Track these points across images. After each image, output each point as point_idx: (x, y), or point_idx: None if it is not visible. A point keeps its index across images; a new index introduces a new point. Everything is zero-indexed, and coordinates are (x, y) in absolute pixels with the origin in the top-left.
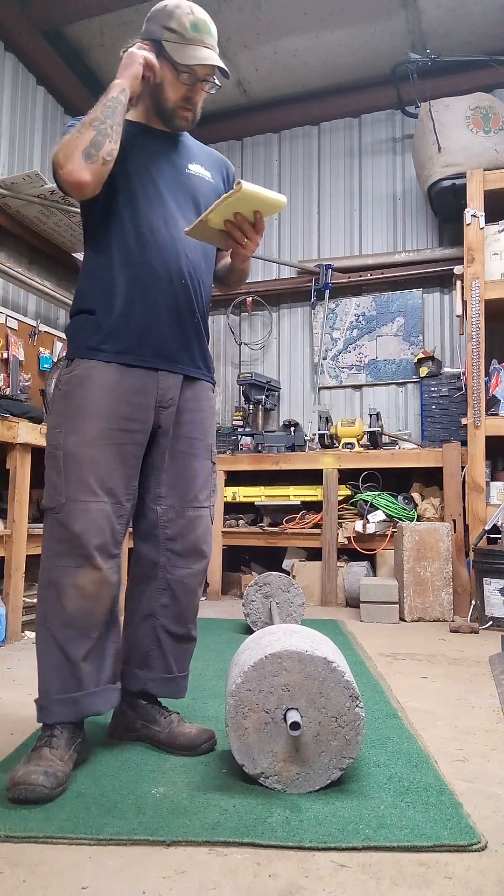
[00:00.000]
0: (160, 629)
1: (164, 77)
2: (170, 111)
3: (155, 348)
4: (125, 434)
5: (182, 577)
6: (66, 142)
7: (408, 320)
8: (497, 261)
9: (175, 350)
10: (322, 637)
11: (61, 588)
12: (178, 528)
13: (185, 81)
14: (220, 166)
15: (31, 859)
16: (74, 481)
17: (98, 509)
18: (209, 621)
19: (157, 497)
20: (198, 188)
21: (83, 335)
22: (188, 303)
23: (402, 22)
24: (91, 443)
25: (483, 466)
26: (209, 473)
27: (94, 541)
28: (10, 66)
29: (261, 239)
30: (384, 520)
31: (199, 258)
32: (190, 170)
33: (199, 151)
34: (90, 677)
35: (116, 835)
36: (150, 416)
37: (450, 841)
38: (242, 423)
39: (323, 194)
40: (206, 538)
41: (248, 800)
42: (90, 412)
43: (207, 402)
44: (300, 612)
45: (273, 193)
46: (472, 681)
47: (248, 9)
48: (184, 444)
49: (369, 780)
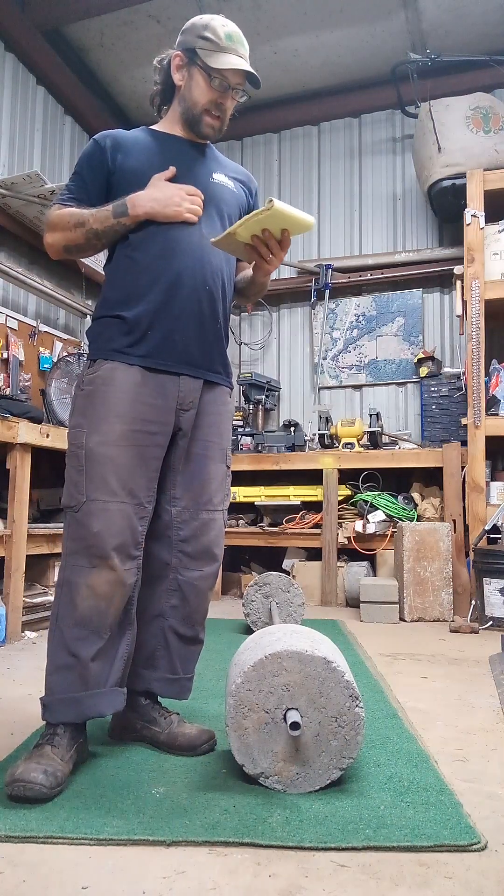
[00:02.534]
0: (168, 630)
1: (195, 82)
2: (197, 116)
3: (178, 353)
4: (146, 436)
5: (193, 579)
6: (60, 222)
7: (408, 320)
8: (497, 261)
9: (197, 355)
10: (322, 637)
11: (74, 587)
12: (191, 530)
13: (217, 87)
14: (245, 179)
15: (31, 859)
16: (96, 480)
17: (118, 509)
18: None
19: (171, 498)
20: (222, 197)
21: (107, 336)
22: (211, 309)
23: (402, 22)
24: (113, 443)
25: (483, 466)
26: (224, 477)
27: (112, 541)
28: (10, 66)
29: (285, 255)
30: (384, 520)
31: (222, 266)
32: (214, 179)
33: (224, 162)
34: (96, 678)
35: (116, 835)
36: (171, 418)
37: (450, 841)
38: (242, 423)
39: (323, 194)
40: (218, 541)
41: (248, 800)
42: (112, 412)
43: (225, 406)
44: (300, 612)
45: (303, 214)
46: (472, 681)
47: (248, 9)
48: (200, 447)
49: (369, 780)
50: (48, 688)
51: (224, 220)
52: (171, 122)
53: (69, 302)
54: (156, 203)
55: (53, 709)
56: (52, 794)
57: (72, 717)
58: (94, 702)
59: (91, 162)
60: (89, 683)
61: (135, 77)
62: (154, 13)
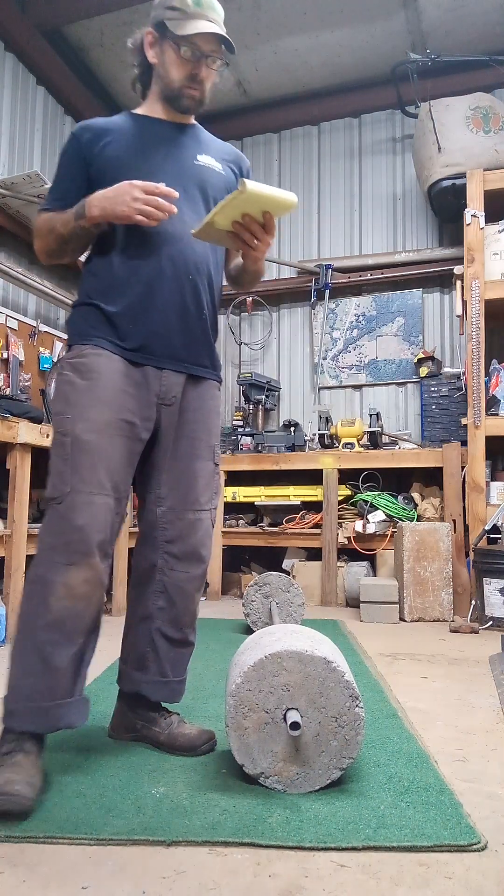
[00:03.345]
0: (156, 632)
1: (168, 57)
2: (176, 92)
3: (160, 346)
4: (129, 427)
5: (179, 581)
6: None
7: (408, 320)
8: (497, 261)
9: (180, 348)
10: (322, 637)
11: (49, 585)
12: (177, 531)
13: (188, 56)
14: (235, 160)
15: (31, 859)
16: (83, 470)
17: (103, 503)
18: (209, 621)
19: (157, 498)
20: (207, 180)
21: (88, 323)
22: (196, 301)
23: (402, 22)
24: (101, 431)
25: (483, 466)
26: (211, 475)
27: (96, 536)
28: (10, 66)
29: (272, 239)
30: (384, 520)
31: (207, 255)
32: (199, 161)
33: (210, 143)
34: (65, 687)
35: (116, 835)
36: (152, 413)
37: (450, 841)
38: (242, 423)
39: (323, 194)
40: (205, 542)
41: (248, 800)
42: (98, 399)
43: (212, 401)
44: (300, 612)
45: (282, 192)
46: (472, 681)
47: (248, 9)
48: (185, 444)
49: (369, 780)
50: (13, 693)
51: (211, 205)
52: (152, 103)
53: (69, 302)
54: (106, 202)
55: (19, 716)
56: (34, 804)
57: (38, 728)
58: (62, 712)
59: (69, 160)
60: (57, 693)
61: None
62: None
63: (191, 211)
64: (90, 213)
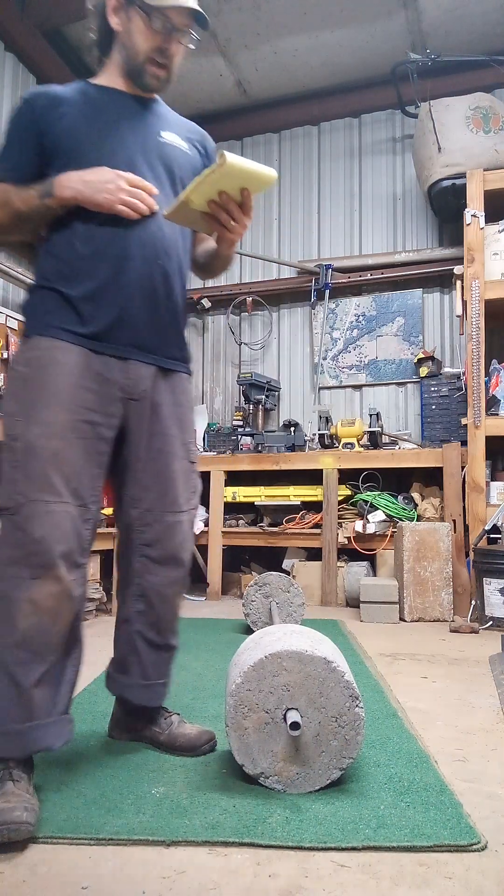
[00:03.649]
0: (136, 635)
1: (134, 26)
2: (140, 65)
3: (127, 336)
4: (90, 427)
5: (157, 585)
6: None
7: (408, 320)
8: (497, 261)
9: (148, 338)
10: (322, 637)
11: (13, 602)
12: (155, 534)
13: (158, 28)
14: (200, 139)
15: (31, 859)
16: (36, 478)
17: (63, 511)
18: (209, 621)
19: (132, 499)
20: (174, 159)
21: (45, 309)
22: (166, 287)
23: (402, 22)
24: (56, 434)
25: (483, 466)
26: (188, 474)
27: (58, 547)
28: (10, 66)
29: (250, 221)
30: (384, 520)
31: (176, 238)
32: (163, 138)
33: (174, 120)
34: (41, 707)
35: (116, 835)
36: (118, 409)
37: (450, 841)
38: (242, 423)
39: (323, 194)
40: (185, 545)
41: (248, 800)
42: (54, 399)
43: (185, 395)
44: (300, 612)
45: (261, 166)
46: (472, 681)
47: (248, 9)
48: (160, 442)
49: (369, 780)
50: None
51: (177, 187)
52: (111, 73)
53: None
54: (85, 186)
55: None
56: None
57: (15, 753)
58: (39, 734)
59: (20, 126)
60: (33, 714)
61: None
62: None
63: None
64: (61, 193)
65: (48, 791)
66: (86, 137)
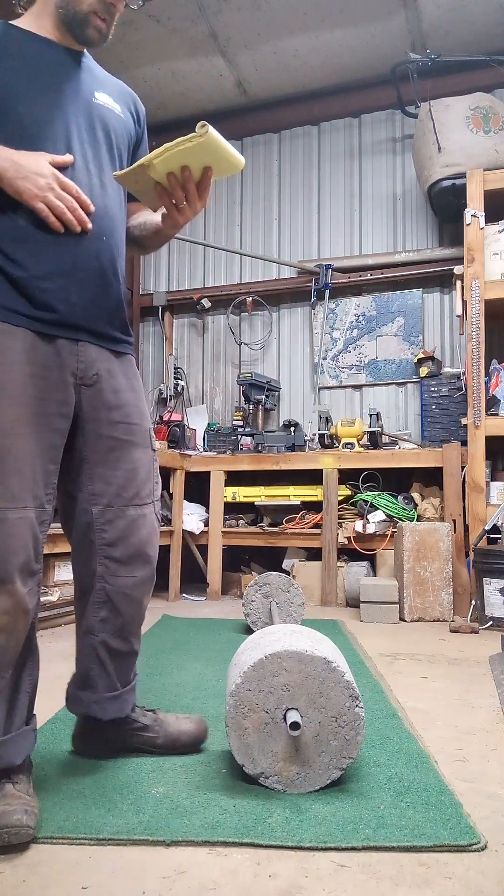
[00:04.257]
0: (100, 646)
1: None
2: (82, 17)
3: (77, 316)
4: (42, 419)
5: (124, 588)
6: None
7: (408, 320)
8: (497, 261)
9: (98, 319)
10: (322, 637)
11: None
12: (118, 531)
13: None
14: (129, 100)
15: (31, 859)
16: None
17: (19, 518)
18: (209, 621)
19: (91, 495)
20: (110, 123)
21: None
22: (111, 264)
23: (402, 22)
24: (8, 432)
25: (483, 466)
26: (151, 463)
27: (14, 560)
28: None
29: (203, 207)
30: (384, 520)
31: (117, 212)
32: (98, 99)
33: (105, 79)
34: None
35: (116, 835)
36: (70, 396)
37: (450, 841)
38: (242, 423)
39: (323, 194)
40: (151, 540)
41: (248, 800)
42: (3, 392)
43: (136, 379)
44: (300, 612)
45: (235, 150)
46: (472, 681)
47: (248, 9)
48: (119, 431)
49: (369, 780)
50: None
51: (114, 152)
52: (39, 18)
53: None
54: (12, 168)
55: None
56: (36, 833)
57: None
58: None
59: None
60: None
61: (135, 77)
62: (154, 13)
63: (94, 157)
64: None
65: (48, 791)
66: (17, 92)
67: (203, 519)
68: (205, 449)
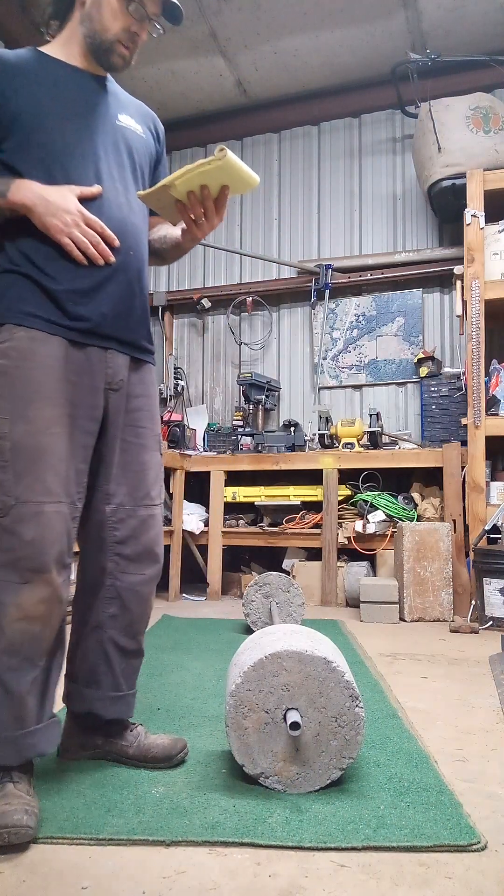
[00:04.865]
0: (108, 643)
1: (107, 3)
2: (108, 45)
3: (106, 326)
4: (74, 421)
5: (133, 585)
6: None
7: (408, 320)
8: (497, 261)
9: (124, 329)
10: (322, 637)
11: (2, 608)
12: (129, 530)
13: (133, 13)
14: (150, 121)
15: (31, 859)
16: (27, 478)
17: (55, 511)
18: (209, 621)
19: (105, 495)
20: (133, 144)
21: (16, 294)
22: (137, 276)
23: (402, 22)
24: (44, 431)
25: (483, 466)
26: (160, 466)
27: (51, 550)
28: None
29: (220, 222)
30: (384, 520)
31: (141, 226)
32: (121, 121)
33: (127, 101)
34: (32, 714)
35: (116, 835)
36: (100, 400)
37: (450, 841)
38: (242, 423)
39: (323, 194)
40: (159, 540)
41: (248, 800)
42: (38, 394)
43: (153, 386)
44: (300, 612)
45: (251, 170)
46: (472, 681)
47: (248, 9)
48: (132, 434)
49: (369, 780)
50: None
51: (137, 173)
52: (67, 45)
53: None
54: (41, 204)
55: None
56: (36, 833)
57: (10, 761)
58: (33, 741)
59: None
60: (25, 721)
61: (135, 77)
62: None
63: (119, 177)
64: (14, 197)
65: (48, 791)
66: (48, 116)
67: (203, 519)
68: (205, 449)
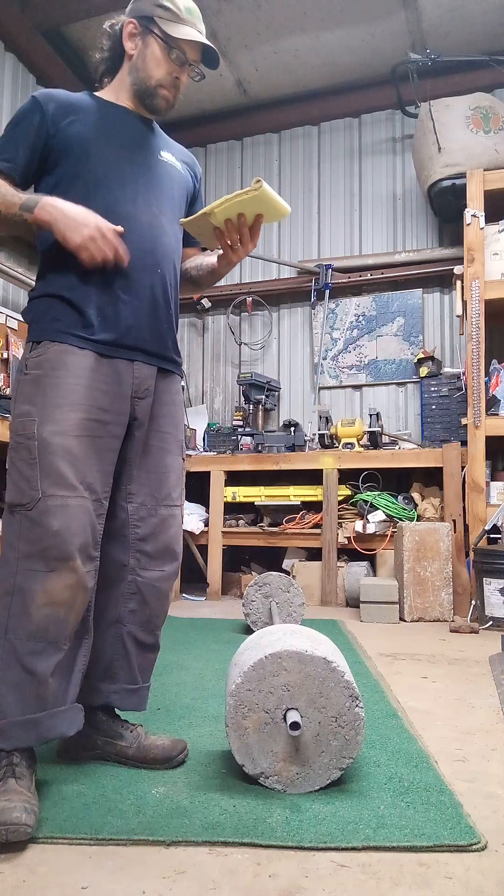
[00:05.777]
0: (127, 636)
1: (151, 52)
2: (152, 89)
3: (132, 339)
4: (101, 426)
5: (153, 580)
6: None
7: (408, 320)
8: (497, 261)
9: (150, 341)
10: (322, 637)
11: (28, 594)
12: (150, 528)
13: (175, 60)
14: (189, 161)
15: (31, 859)
16: (52, 474)
17: (78, 505)
18: (209, 621)
19: (128, 494)
20: (172, 177)
21: (52, 316)
22: (164, 294)
23: (402, 22)
24: (69, 432)
25: (483, 466)
26: (181, 470)
27: (75, 540)
28: (10, 66)
29: (254, 248)
30: (384, 520)
31: (173, 248)
32: (163, 157)
33: (170, 143)
34: (56, 696)
35: (116, 835)
36: (127, 407)
37: (450, 841)
38: (242, 423)
39: (323, 194)
40: (178, 539)
41: (248, 800)
42: (66, 400)
43: (178, 395)
44: (300, 612)
45: (283, 200)
46: (472, 681)
47: (248, 9)
48: (156, 439)
49: (369, 780)
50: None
51: (174, 201)
52: (117, 92)
53: None
54: (64, 220)
55: (9, 734)
56: (34, 831)
57: (31, 742)
58: (53, 722)
59: (29, 126)
60: (48, 702)
61: None
62: None
63: (156, 205)
64: (40, 214)
65: (48, 791)
66: (94, 147)
67: (203, 519)
68: (205, 449)
